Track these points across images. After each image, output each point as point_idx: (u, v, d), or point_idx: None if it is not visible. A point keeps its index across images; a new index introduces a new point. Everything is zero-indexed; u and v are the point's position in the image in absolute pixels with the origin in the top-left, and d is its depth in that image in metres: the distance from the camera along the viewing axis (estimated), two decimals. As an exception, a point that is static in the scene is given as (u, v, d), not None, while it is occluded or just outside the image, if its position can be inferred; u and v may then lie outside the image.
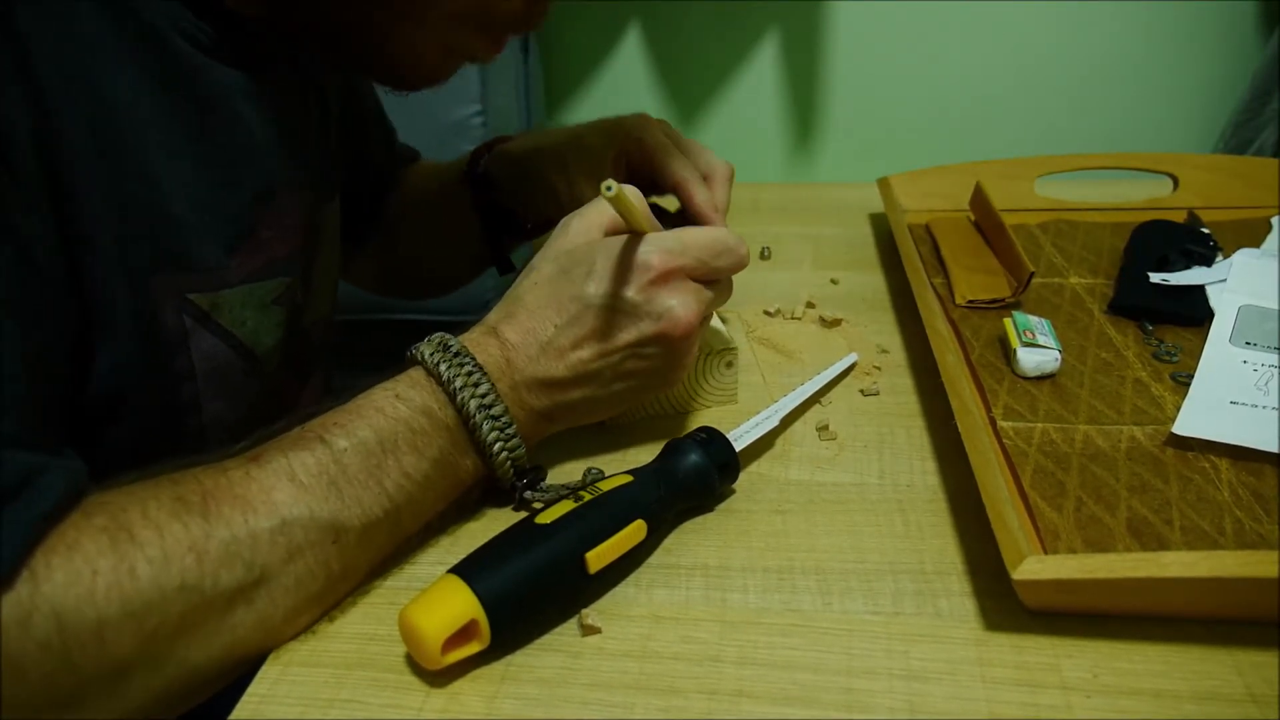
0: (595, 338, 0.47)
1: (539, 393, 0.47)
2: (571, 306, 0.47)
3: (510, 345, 0.47)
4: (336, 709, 0.38)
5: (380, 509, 0.43)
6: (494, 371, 0.46)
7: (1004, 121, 1.05)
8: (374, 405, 0.44)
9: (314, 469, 0.41)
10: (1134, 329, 0.61)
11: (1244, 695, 0.36)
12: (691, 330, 0.47)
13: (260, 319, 0.53)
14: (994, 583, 0.42)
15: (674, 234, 0.48)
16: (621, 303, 0.46)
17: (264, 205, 0.52)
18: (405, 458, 0.43)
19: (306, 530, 0.40)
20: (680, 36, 1.07)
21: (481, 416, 0.45)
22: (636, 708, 0.38)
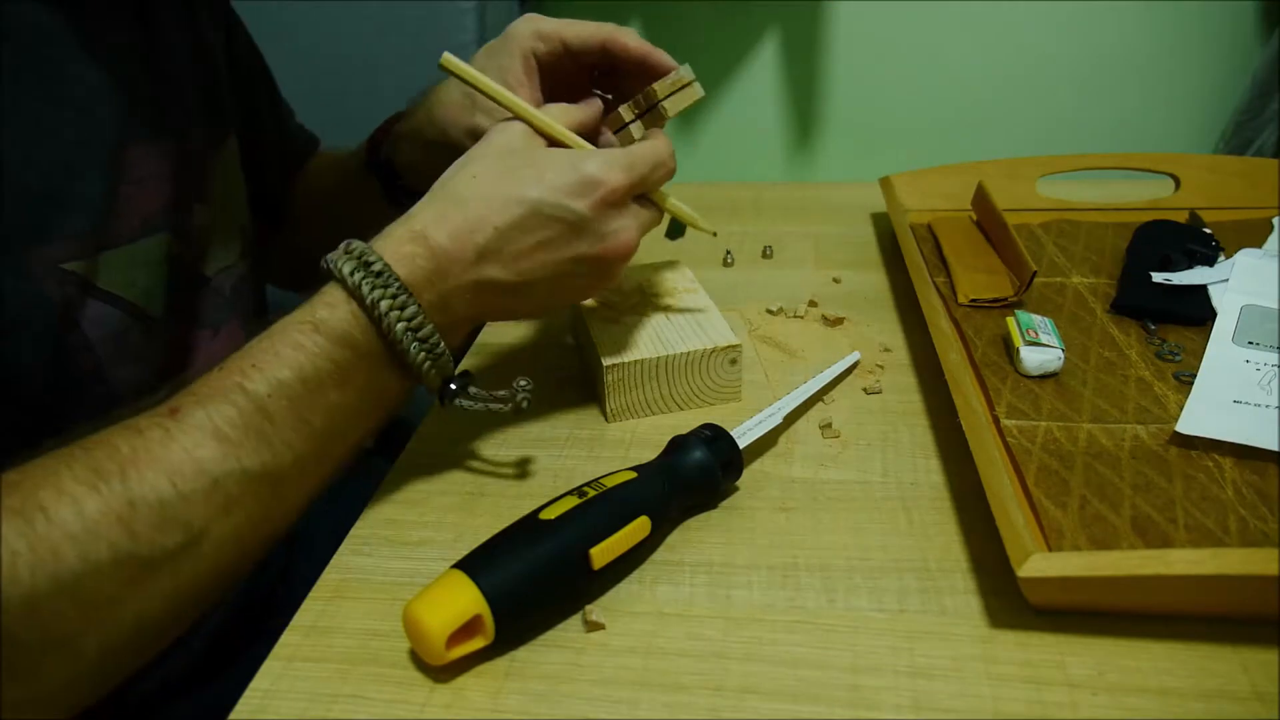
0: (538, 248, 0.45)
1: (469, 299, 0.46)
2: (516, 210, 0.45)
3: (440, 251, 0.44)
4: (340, 705, 0.38)
5: (311, 447, 0.42)
6: (420, 283, 0.44)
7: (1006, 121, 1.05)
8: (292, 341, 0.42)
9: (237, 420, 0.39)
10: (1137, 328, 0.61)
11: (1250, 693, 0.36)
12: (628, 255, 0.48)
13: (151, 278, 0.51)
14: (999, 580, 0.42)
15: (623, 151, 0.48)
16: (572, 215, 0.45)
17: (119, 160, 0.49)
18: (331, 393, 0.42)
19: (240, 484, 0.39)
20: (680, 36, 1.07)
21: (409, 340, 0.43)
22: (641, 704, 0.38)
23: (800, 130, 1.10)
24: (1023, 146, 1.02)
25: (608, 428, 0.56)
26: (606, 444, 0.55)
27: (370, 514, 0.50)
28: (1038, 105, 1.04)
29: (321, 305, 0.43)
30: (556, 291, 0.48)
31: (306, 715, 0.38)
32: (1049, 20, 0.99)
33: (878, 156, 1.07)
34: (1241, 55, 0.97)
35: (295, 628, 0.42)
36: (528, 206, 0.45)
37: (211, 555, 0.39)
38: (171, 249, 0.52)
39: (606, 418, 0.56)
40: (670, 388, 0.56)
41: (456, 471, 0.53)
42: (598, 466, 0.52)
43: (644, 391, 0.56)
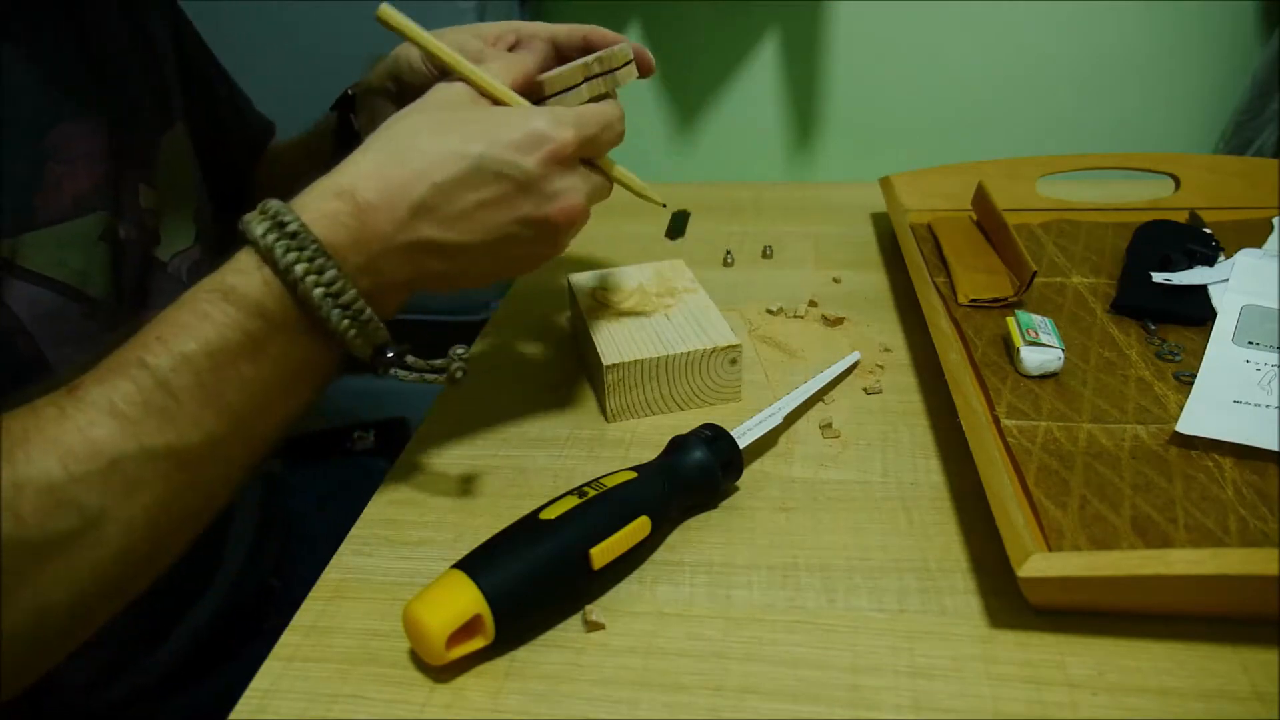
0: (478, 207, 0.42)
1: (402, 261, 0.42)
2: (455, 165, 0.42)
3: (369, 208, 0.41)
4: (340, 705, 0.38)
5: (225, 425, 0.39)
6: (344, 245, 0.41)
7: (1006, 121, 1.05)
8: (200, 311, 0.39)
9: (136, 398, 0.37)
10: (1137, 328, 0.61)
11: (1250, 693, 0.36)
12: (576, 219, 0.45)
13: (88, 258, 0.49)
14: (999, 580, 0.42)
15: (570, 109, 0.45)
16: (519, 172, 0.42)
17: (41, 138, 0.47)
18: (243, 367, 0.39)
19: (142, 464, 0.37)
20: (680, 36, 1.07)
21: (329, 307, 0.40)
22: (641, 704, 0.38)
23: (800, 130, 1.10)
24: (1023, 146, 1.02)
25: (608, 428, 0.56)
26: (606, 444, 0.55)
27: (370, 514, 0.50)
28: (1038, 105, 1.04)
29: (232, 271, 0.40)
30: (499, 258, 0.45)
31: (306, 715, 0.38)
32: (1049, 20, 0.99)
33: (878, 156, 1.07)
34: (1241, 55, 0.97)
35: (295, 628, 0.42)
36: (471, 161, 0.42)
37: (117, 539, 0.37)
38: (113, 229, 0.51)
39: (606, 418, 0.56)
40: (670, 388, 0.56)
41: (456, 471, 0.53)
42: (598, 466, 0.52)
43: (644, 391, 0.56)
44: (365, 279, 0.42)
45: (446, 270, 0.44)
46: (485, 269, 0.46)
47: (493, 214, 0.43)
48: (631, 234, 0.87)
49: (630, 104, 1.12)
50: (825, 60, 1.06)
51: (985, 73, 1.03)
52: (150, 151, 0.57)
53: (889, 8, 1.01)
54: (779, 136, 1.11)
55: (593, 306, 0.61)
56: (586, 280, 0.65)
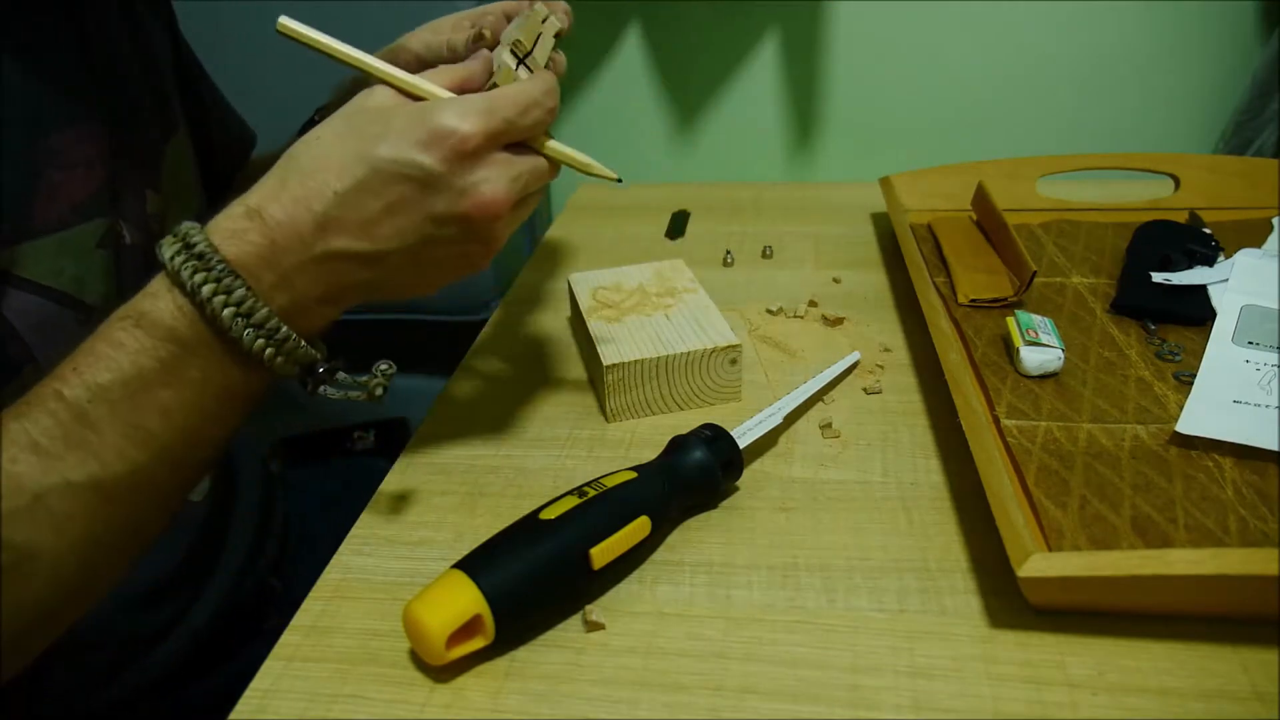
0: (385, 211, 0.40)
1: (314, 276, 0.41)
2: (357, 169, 0.40)
3: (275, 224, 0.40)
4: (340, 705, 0.38)
5: (148, 453, 0.39)
6: (254, 264, 0.40)
7: (1006, 121, 1.05)
8: (114, 340, 0.39)
9: (55, 431, 0.37)
10: (1136, 328, 0.61)
11: (1249, 693, 0.36)
12: (499, 212, 0.42)
13: (84, 266, 0.48)
14: (999, 580, 0.42)
15: (481, 96, 0.42)
16: (420, 171, 0.40)
17: (41, 147, 0.47)
18: (160, 393, 0.39)
19: (66, 498, 0.37)
20: (680, 36, 1.07)
21: (240, 326, 0.39)
22: (641, 704, 0.38)
23: (800, 130, 1.10)
24: (1023, 146, 1.02)
25: (608, 428, 0.56)
26: (606, 444, 0.55)
27: (370, 514, 0.50)
28: (1038, 105, 1.04)
29: (145, 296, 0.40)
30: (424, 262, 0.43)
31: (306, 715, 0.38)
32: (1049, 20, 0.99)
33: (878, 156, 1.07)
34: (1241, 55, 0.97)
35: (295, 628, 0.42)
36: (368, 166, 0.40)
37: (47, 573, 0.37)
38: (115, 235, 0.50)
39: (606, 418, 0.56)
40: (670, 388, 0.56)
41: (456, 471, 0.53)
42: (598, 466, 0.52)
43: (644, 391, 0.56)
44: (280, 296, 0.41)
45: (370, 280, 0.42)
46: (413, 275, 0.44)
47: (402, 218, 0.41)
48: (631, 234, 0.87)
49: (630, 104, 1.13)
50: (825, 60, 1.06)
51: (985, 73, 1.03)
52: (155, 157, 0.57)
53: (889, 8, 1.01)
54: (779, 136, 1.11)
55: (593, 306, 0.61)
56: (586, 280, 0.65)
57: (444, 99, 0.43)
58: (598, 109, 1.13)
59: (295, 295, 0.41)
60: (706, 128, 1.12)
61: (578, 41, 1.09)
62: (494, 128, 0.41)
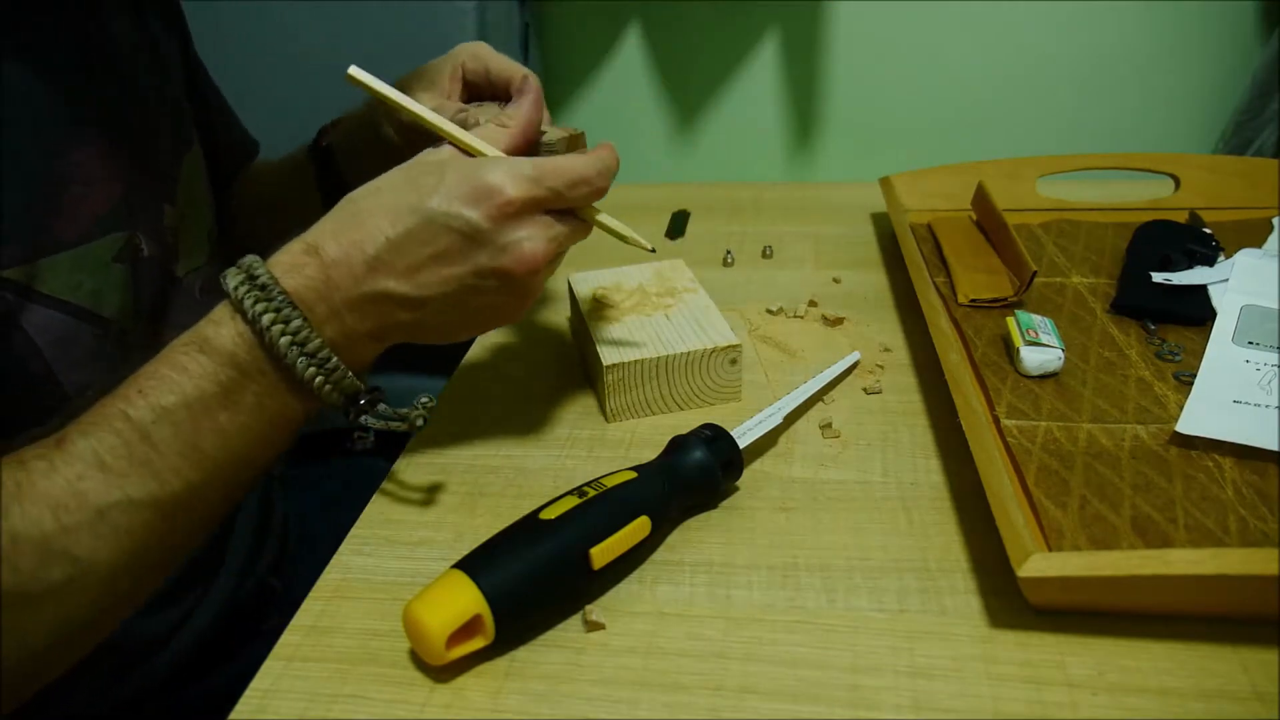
0: (431, 260, 0.43)
1: (363, 312, 0.44)
2: (409, 219, 0.43)
3: (331, 262, 0.43)
4: (340, 705, 0.38)
5: (203, 473, 0.41)
6: (310, 297, 0.42)
7: (1006, 121, 1.05)
8: (177, 364, 0.41)
9: (121, 450, 0.39)
10: (1136, 328, 0.61)
11: (1249, 693, 0.36)
12: (536, 268, 0.44)
13: (101, 279, 0.49)
14: (999, 580, 0.42)
15: (532, 161, 0.45)
16: (466, 226, 0.43)
17: (61, 163, 0.48)
18: (219, 416, 0.41)
19: (127, 514, 0.39)
20: (680, 36, 1.07)
21: (294, 355, 0.42)
22: (641, 704, 0.38)
23: (800, 130, 1.10)
24: (1023, 146, 1.02)
25: (608, 428, 0.56)
26: (606, 444, 0.55)
27: (370, 514, 0.50)
28: (1038, 105, 1.04)
29: (208, 323, 0.43)
30: (464, 309, 0.46)
31: (306, 715, 0.38)
32: (1049, 20, 0.99)
33: (878, 156, 1.07)
34: (1241, 55, 0.97)
35: (295, 628, 0.42)
36: (421, 215, 0.43)
37: (100, 585, 0.39)
38: (132, 248, 0.51)
39: (606, 418, 0.56)
40: (670, 388, 0.56)
41: (456, 471, 0.53)
42: (598, 466, 0.52)
43: (644, 391, 0.56)
44: (331, 328, 0.43)
45: (414, 321, 0.45)
46: (454, 319, 0.46)
47: (447, 266, 0.44)
48: (631, 234, 0.87)
49: (630, 104, 1.13)
50: (825, 60, 1.06)
51: (985, 73, 1.03)
52: (173, 170, 0.57)
53: (889, 8, 1.01)
54: (779, 136, 1.11)
55: (593, 307, 0.61)
56: (587, 280, 0.65)
57: (495, 158, 0.45)
58: (598, 109, 1.13)
59: (344, 328, 0.44)
60: (706, 128, 1.12)
61: (578, 41, 1.09)
62: (539, 195, 0.44)
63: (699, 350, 0.55)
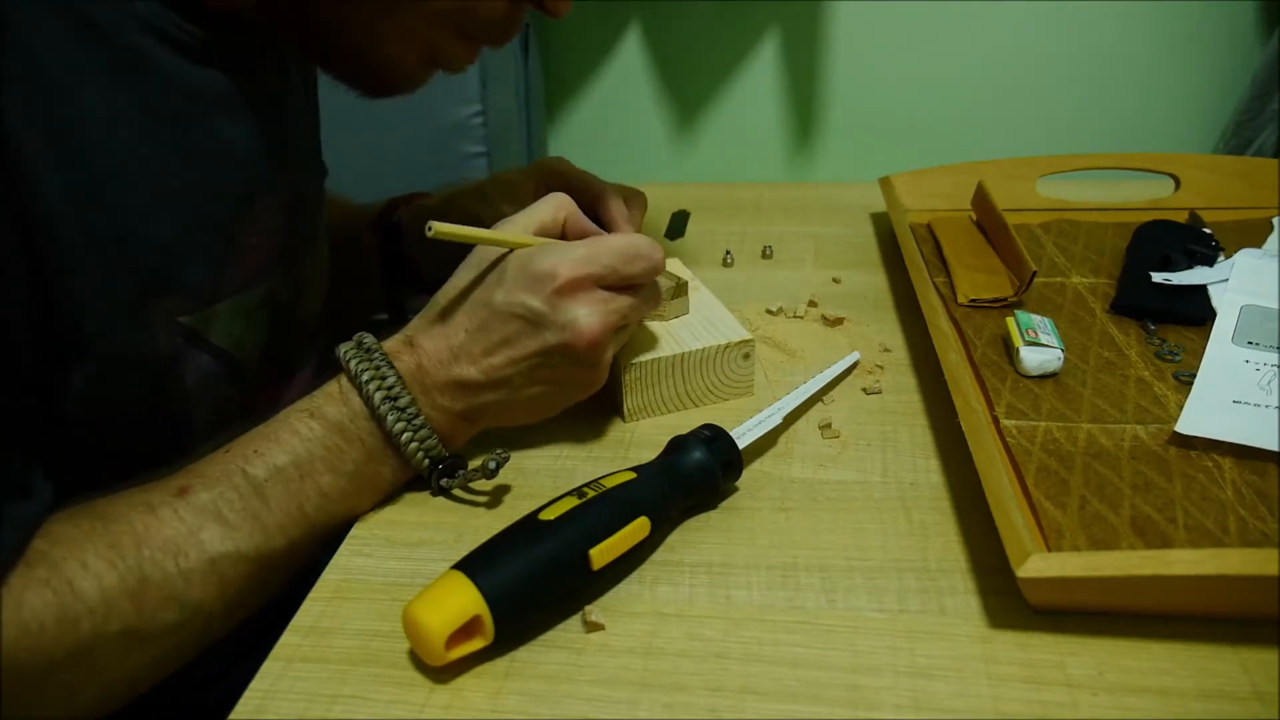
0: (502, 345, 0.47)
1: (452, 395, 0.48)
2: (481, 313, 0.48)
3: (424, 352, 0.48)
4: (340, 705, 0.38)
5: (301, 530, 0.45)
6: (407, 375, 0.47)
7: (1006, 121, 1.05)
8: (290, 428, 0.45)
9: (238, 504, 0.43)
10: (1136, 328, 0.61)
11: (1250, 693, 0.36)
12: (596, 341, 0.47)
13: (246, 327, 0.52)
14: (998, 580, 0.42)
15: (583, 243, 0.49)
16: (527, 311, 0.47)
17: (247, 212, 0.51)
18: (323, 478, 0.45)
19: (235, 564, 0.42)
20: (680, 36, 1.07)
21: (387, 408, 0.46)
22: (641, 704, 0.38)
23: (800, 130, 1.10)
24: (1023, 146, 1.02)
25: (608, 428, 0.56)
26: (606, 444, 0.55)
27: (370, 514, 0.50)
28: (1038, 105, 1.04)
29: (321, 394, 0.47)
30: (538, 386, 0.49)
31: (306, 715, 0.38)
32: (1049, 20, 0.99)
33: (878, 156, 1.07)
34: (1241, 55, 0.97)
35: (295, 628, 0.42)
36: (490, 309, 0.47)
37: (202, 628, 0.42)
38: (266, 298, 0.53)
39: (624, 417, 0.56)
40: (686, 384, 0.56)
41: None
42: (598, 466, 0.52)
43: (660, 389, 0.56)
44: (424, 403, 0.48)
45: (498, 401, 0.49)
46: (535, 396, 0.50)
47: (515, 350, 0.48)
48: (631, 234, 0.87)
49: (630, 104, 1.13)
50: (825, 60, 1.06)
51: (985, 73, 1.03)
52: (317, 220, 0.60)
53: (889, 8, 1.01)
54: (779, 136, 1.11)
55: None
56: None
57: (548, 244, 0.49)
58: (598, 109, 1.13)
59: (436, 405, 0.48)
60: (706, 128, 1.12)
61: (578, 41, 1.09)
62: (592, 272, 0.47)
63: (714, 346, 0.56)
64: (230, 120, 0.49)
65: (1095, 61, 1.01)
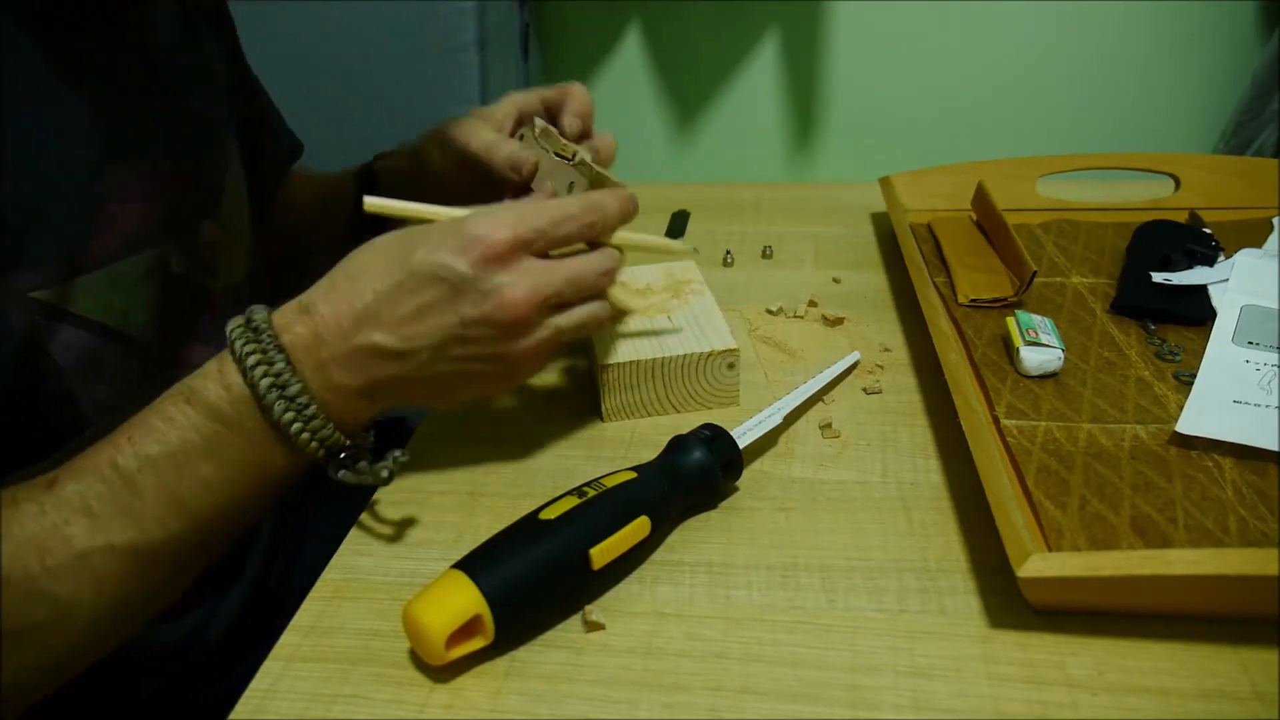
0: (418, 310, 0.43)
1: (352, 368, 0.43)
2: (396, 273, 0.43)
3: (321, 318, 0.43)
4: (340, 705, 0.38)
5: (185, 523, 0.42)
6: (298, 349, 0.43)
7: (1005, 121, 1.05)
8: (164, 414, 0.42)
9: (107, 497, 0.40)
10: (1136, 328, 0.61)
11: (1249, 693, 0.36)
12: (522, 314, 0.44)
13: (131, 298, 0.49)
14: (998, 580, 0.42)
15: (513, 205, 0.45)
16: (451, 273, 0.43)
17: (103, 180, 0.47)
18: (203, 467, 0.42)
19: (107, 559, 0.40)
20: (680, 36, 1.07)
21: (274, 396, 0.42)
22: (641, 704, 0.38)
23: (800, 130, 1.10)
24: (1023, 146, 1.02)
25: (608, 428, 0.56)
26: (606, 444, 0.55)
27: (370, 514, 0.50)
28: (1038, 105, 1.04)
29: (197, 375, 0.43)
30: (448, 364, 0.45)
31: (306, 715, 0.38)
32: (1049, 20, 0.99)
33: (878, 156, 1.07)
34: (1241, 55, 0.97)
35: (295, 628, 0.43)
36: (408, 269, 0.43)
37: (79, 627, 0.40)
38: (163, 265, 0.51)
39: (603, 417, 0.56)
40: (667, 389, 0.56)
41: (456, 471, 0.53)
42: (598, 466, 0.52)
43: (640, 392, 0.56)
44: (317, 381, 0.43)
45: (402, 376, 0.44)
46: (444, 374, 0.45)
47: (433, 316, 0.43)
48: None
49: (631, 104, 1.12)
50: (825, 60, 1.06)
51: (985, 73, 1.03)
52: (215, 186, 0.57)
53: (889, 8, 1.01)
54: (779, 136, 1.11)
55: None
56: None
57: (480, 209, 0.46)
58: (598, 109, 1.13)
59: (330, 383, 0.43)
60: (706, 128, 1.12)
61: (578, 41, 1.09)
62: (522, 235, 0.44)
63: (696, 353, 0.55)
64: (67, 88, 0.46)
65: (1095, 61, 1.01)
